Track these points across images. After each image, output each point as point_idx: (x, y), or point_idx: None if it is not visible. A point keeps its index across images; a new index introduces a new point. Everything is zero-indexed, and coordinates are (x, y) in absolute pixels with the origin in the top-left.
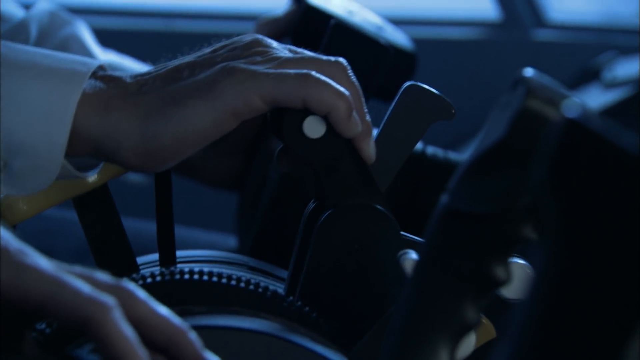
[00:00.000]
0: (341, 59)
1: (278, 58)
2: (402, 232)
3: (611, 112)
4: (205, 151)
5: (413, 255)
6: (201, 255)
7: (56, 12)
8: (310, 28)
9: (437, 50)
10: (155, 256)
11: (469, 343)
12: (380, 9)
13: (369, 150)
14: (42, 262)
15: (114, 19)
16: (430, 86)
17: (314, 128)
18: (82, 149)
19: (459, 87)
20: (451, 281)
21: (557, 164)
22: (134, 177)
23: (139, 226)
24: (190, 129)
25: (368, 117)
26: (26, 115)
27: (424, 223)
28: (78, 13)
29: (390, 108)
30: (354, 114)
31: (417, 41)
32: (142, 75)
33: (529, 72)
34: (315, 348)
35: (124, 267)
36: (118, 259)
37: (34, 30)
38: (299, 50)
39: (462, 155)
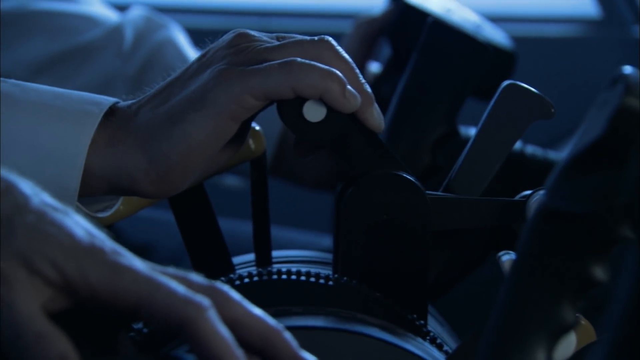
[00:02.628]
0: (326, 37)
1: (262, 50)
2: (428, 192)
3: None
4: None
5: (511, 255)
6: (297, 256)
7: (151, 16)
8: (409, 27)
9: (535, 47)
10: (251, 256)
11: (570, 344)
12: (478, 7)
13: (374, 120)
14: (137, 263)
15: (208, 18)
16: (529, 85)
17: (314, 112)
18: (97, 188)
19: (558, 85)
20: (549, 281)
21: None
22: (230, 180)
23: (235, 226)
24: (193, 143)
25: (367, 87)
26: (37, 158)
27: None
28: (172, 12)
29: (489, 107)
30: (349, 88)
31: (515, 39)
32: (137, 101)
33: (627, 69)
34: (413, 349)
35: (220, 267)
36: (214, 259)
37: (129, 35)
38: (286, 35)
39: (561, 154)
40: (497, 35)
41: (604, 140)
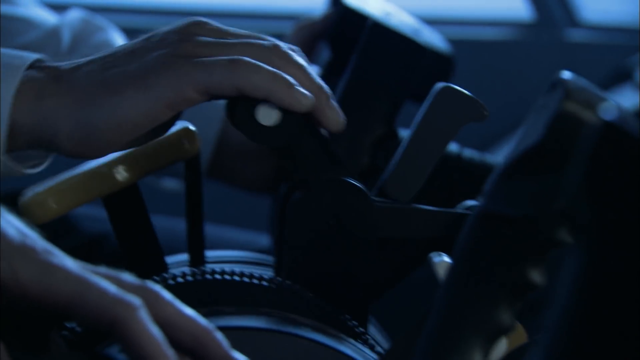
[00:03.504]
0: (277, 43)
1: (212, 44)
2: (373, 198)
3: None
4: (238, 156)
5: (445, 258)
6: (232, 256)
7: (89, 19)
8: (348, 30)
9: (469, 50)
10: (185, 256)
11: (501, 347)
12: (414, 8)
13: (333, 115)
14: (68, 262)
15: (143, 18)
16: (463, 87)
17: (267, 116)
18: (21, 141)
19: (492, 88)
20: (486, 285)
21: (594, 167)
22: (167, 182)
23: (169, 225)
24: (123, 118)
25: (323, 87)
26: None
27: None
28: (107, 12)
29: (422, 109)
30: (298, 89)
31: (450, 41)
32: (78, 62)
33: (566, 74)
34: (345, 350)
35: (154, 266)
36: (147, 258)
37: (66, 37)
38: (239, 32)
39: (498, 158)
40: (436, 39)
41: (542, 144)
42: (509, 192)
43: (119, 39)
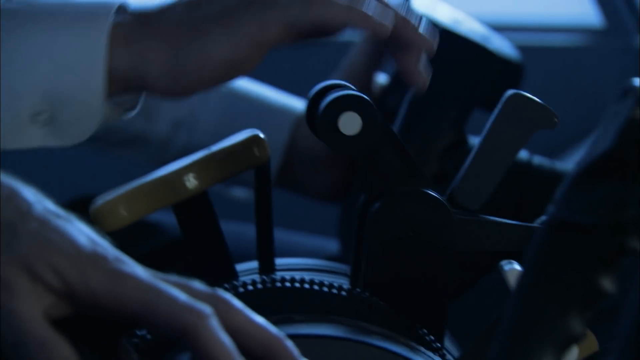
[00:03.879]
0: None
1: None
2: (454, 211)
3: None
4: (307, 165)
5: (515, 265)
6: (300, 264)
7: None
8: None
9: (538, 57)
10: (255, 264)
11: (572, 355)
12: (481, 15)
13: (419, 40)
14: (139, 271)
15: None
16: (532, 94)
17: (349, 124)
18: (116, 87)
19: (560, 95)
20: (557, 292)
21: None
22: (237, 192)
23: (239, 231)
24: (210, 57)
25: (400, 13)
26: (61, 64)
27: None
28: None
29: (493, 116)
30: (374, 16)
31: (518, 48)
32: (162, 5)
33: (637, 81)
34: (413, 357)
35: (223, 274)
36: (217, 266)
37: None
38: None
39: (568, 165)
40: (505, 46)
41: (613, 152)
42: (580, 200)
43: None
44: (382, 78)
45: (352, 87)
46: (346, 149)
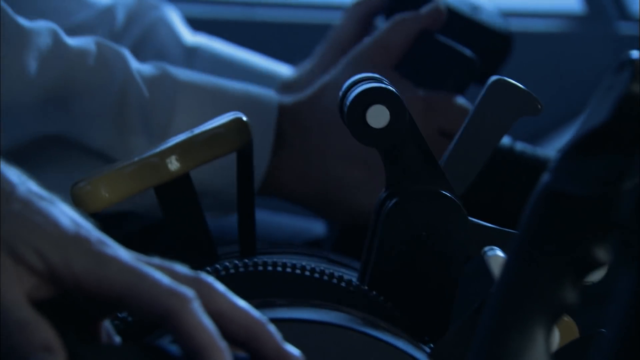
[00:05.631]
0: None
1: None
2: (470, 217)
3: None
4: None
5: (498, 252)
6: (282, 247)
7: None
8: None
9: (520, 42)
10: (236, 247)
11: (553, 340)
12: None
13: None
14: (122, 253)
15: (193, 7)
16: (514, 80)
17: (377, 117)
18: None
19: (543, 81)
20: (550, 260)
21: None
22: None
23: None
24: None
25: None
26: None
27: (510, 220)
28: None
29: (476, 102)
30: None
31: None
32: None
33: (635, 54)
34: (396, 342)
35: (206, 257)
36: (199, 249)
37: (120, 16)
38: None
39: (550, 151)
40: (494, 17)
41: (609, 124)
42: (574, 171)
43: (174, 17)
44: None
45: (384, 79)
46: (372, 142)
